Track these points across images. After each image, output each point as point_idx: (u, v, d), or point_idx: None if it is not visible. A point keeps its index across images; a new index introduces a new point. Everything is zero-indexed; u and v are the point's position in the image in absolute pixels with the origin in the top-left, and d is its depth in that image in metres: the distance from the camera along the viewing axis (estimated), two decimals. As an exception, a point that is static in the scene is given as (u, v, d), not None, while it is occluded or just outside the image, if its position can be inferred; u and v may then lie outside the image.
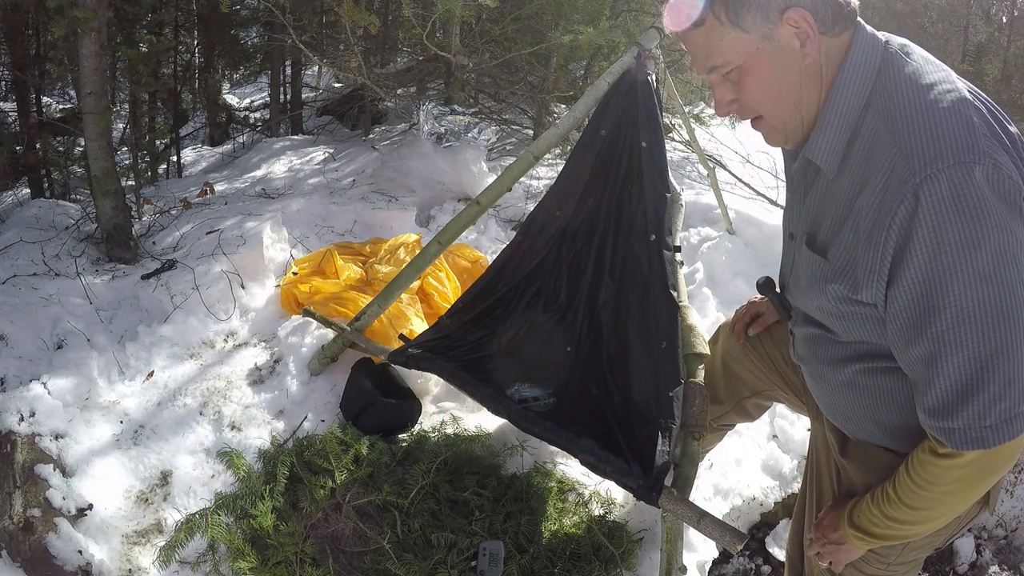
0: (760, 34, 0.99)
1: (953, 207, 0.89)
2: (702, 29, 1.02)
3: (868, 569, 1.37)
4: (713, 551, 2.11)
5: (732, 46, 1.01)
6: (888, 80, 0.99)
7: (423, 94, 5.79)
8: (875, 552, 1.33)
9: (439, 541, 1.88)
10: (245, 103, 8.11)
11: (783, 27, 0.99)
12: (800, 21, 0.98)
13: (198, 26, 5.55)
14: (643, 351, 1.96)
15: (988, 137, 0.93)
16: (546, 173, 4.87)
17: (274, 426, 2.32)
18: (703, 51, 1.04)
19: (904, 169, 0.92)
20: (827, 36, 1.01)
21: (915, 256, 0.93)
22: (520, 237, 2.25)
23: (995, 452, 0.99)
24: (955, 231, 0.90)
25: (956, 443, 0.99)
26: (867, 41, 1.02)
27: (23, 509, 1.88)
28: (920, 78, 0.98)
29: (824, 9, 0.99)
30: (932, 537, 1.29)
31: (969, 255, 0.90)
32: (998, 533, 2.56)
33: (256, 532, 1.88)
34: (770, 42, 1.00)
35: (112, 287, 2.97)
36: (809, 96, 1.04)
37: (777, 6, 0.97)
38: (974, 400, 0.95)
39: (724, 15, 0.99)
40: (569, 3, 4.70)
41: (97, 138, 3.05)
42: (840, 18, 1.00)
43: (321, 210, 3.88)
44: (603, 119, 2.07)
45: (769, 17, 0.98)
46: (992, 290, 0.91)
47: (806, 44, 1.00)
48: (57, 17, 2.77)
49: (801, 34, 0.99)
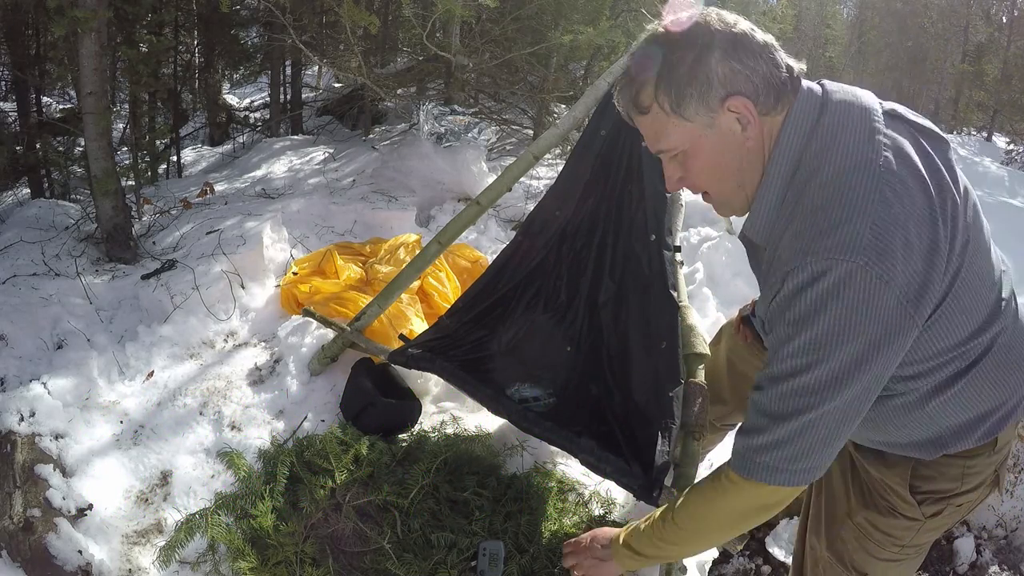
0: (702, 123, 1.04)
1: (801, 292, 0.97)
2: (649, 116, 1.07)
3: (881, 553, 1.38)
4: (713, 551, 2.10)
5: (676, 133, 1.06)
6: (809, 160, 1.02)
7: (423, 94, 5.79)
8: (889, 536, 1.34)
9: (439, 541, 1.88)
10: (245, 103, 8.11)
11: (724, 115, 1.03)
12: (741, 108, 1.02)
13: (198, 26, 5.55)
14: (643, 351, 1.96)
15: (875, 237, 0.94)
16: (546, 173, 4.87)
17: (274, 426, 2.32)
18: (651, 135, 1.09)
19: (788, 255, 1.00)
20: (769, 116, 1.05)
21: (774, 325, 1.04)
22: (520, 237, 2.25)
23: (758, 492, 1.10)
24: (795, 310, 0.98)
25: (734, 463, 1.12)
26: (801, 114, 1.04)
27: (23, 509, 1.88)
28: (834, 162, 1.00)
29: (765, 93, 1.02)
30: (943, 520, 1.31)
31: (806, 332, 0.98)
32: (998, 533, 2.56)
33: (256, 532, 1.88)
34: (712, 129, 1.04)
35: (112, 287, 2.97)
36: (752, 175, 1.09)
37: (718, 96, 1.01)
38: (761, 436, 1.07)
39: (667, 105, 1.04)
40: (569, 3, 4.70)
41: (97, 138, 3.05)
42: (782, 96, 1.04)
43: (321, 210, 3.89)
44: (603, 119, 2.07)
45: (711, 107, 1.02)
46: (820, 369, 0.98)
47: (747, 128, 1.04)
48: (57, 17, 2.77)
49: (743, 119, 1.03)
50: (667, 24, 1.05)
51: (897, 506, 1.31)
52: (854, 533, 1.39)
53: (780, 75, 1.03)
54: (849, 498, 1.40)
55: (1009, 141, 11.84)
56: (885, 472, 1.31)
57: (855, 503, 1.38)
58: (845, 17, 20.74)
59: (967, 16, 13.35)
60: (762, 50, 1.02)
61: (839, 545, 1.43)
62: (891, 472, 1.30)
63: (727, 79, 1.01)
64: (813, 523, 1.52)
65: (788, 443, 1.04)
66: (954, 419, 1.19)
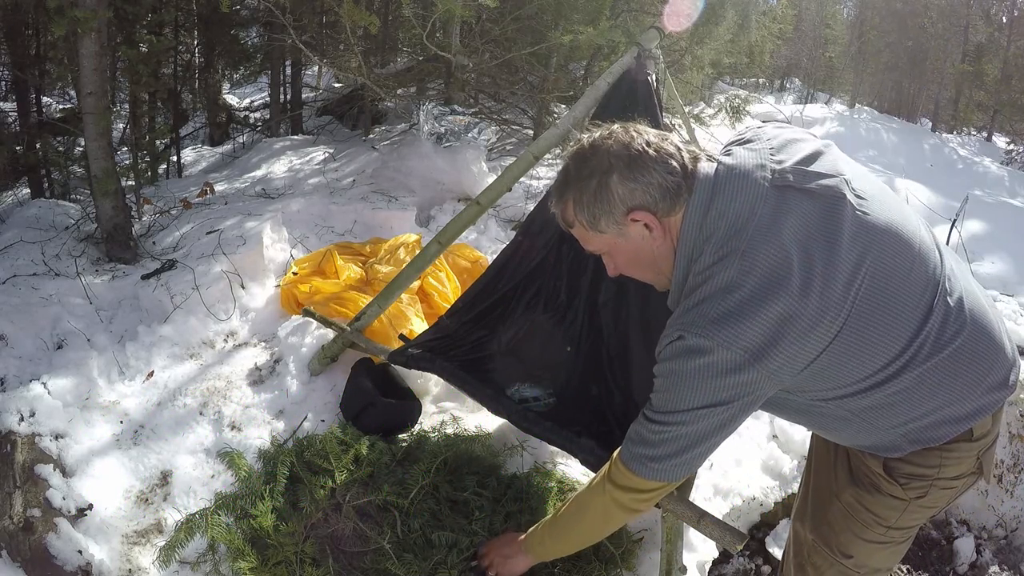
0: (614, 232, 1.26)
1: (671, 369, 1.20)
2: (575, 229, 1.31)
3: (866, 534, 1.40)
4: (713, 551, 2.11)
5: (598, 242, 1.30)
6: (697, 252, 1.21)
7: (423, 94, 5.79)
8: (875, 515, 1.37)
9: (439, 541, 1.88)
10: (245, 103, 8.11)
11: (631, 225, 1.24)
12: (642, 218, 1.22)
13: (198, 26, 5.55)
14: (643, 351, 1.96)
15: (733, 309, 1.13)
16: (546, 173, 4.87)
17: (274, 426, 2.32)
18: (581, 241, 1.33)
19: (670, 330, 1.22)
20: (672, 215, 1.23)
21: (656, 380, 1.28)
22: (520, 237, 2.25)
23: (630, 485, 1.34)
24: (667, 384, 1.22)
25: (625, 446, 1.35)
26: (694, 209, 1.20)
27: (23, 509, 1.88)
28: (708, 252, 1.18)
29: (663, 200, 1.21)
30: (932, 501, 1.34)
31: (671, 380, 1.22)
32: (998, 533, 2.56)
33: (256, 532, 1.88)
34: (624, 237, 1.26)
35: (112, 287, 2.97)
36: (666, 263, 1.29)
37: (621, 211, 1.22)
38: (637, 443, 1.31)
39: (585, 223, 1.27)
40: (569, 3, 4.70)
41: (97, 138, 3.05)
42: (678, 196, 1.21)
43: (321, 210, 3.88)
44: (603, 119, 2.06)
45: (618, 221, 1.24)
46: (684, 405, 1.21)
47: (653, 231, 1.24)
48: (57, 17, 2.77)
49: (649, 225, 1.23)
50: (574, 149, 1.28)
51: (880, 485, 1.35)
52: (841, 513, 1.42)
53: (674, 181, 1.20)
54: (836, 476, 1.43)
55: (1009, 141, 11.84)
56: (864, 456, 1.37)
57: (842, 480, 1.42)
58: (845, 17, 20.73)
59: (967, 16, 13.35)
60: (655, 163, 1.20)
61: (824, 528, 1.46)
62: (868, 457, 1.36)
63: (627, 197, 1.21)
64: (799, 508, 1.56)
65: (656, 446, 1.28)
66: (900, 428, 1.25)
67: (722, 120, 6.13)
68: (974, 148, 10.92)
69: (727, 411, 1.19)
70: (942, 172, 7.86)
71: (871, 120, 10.01)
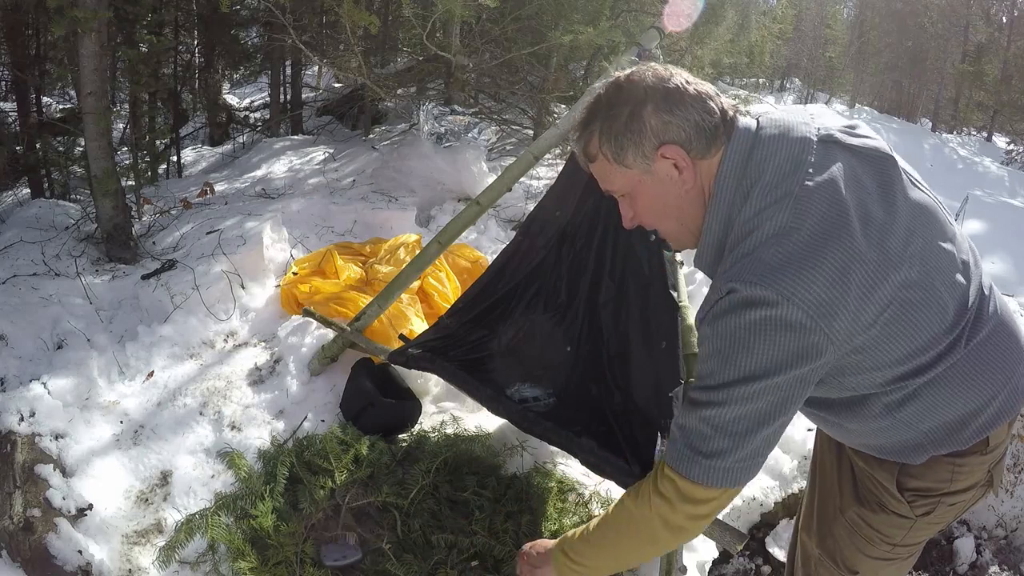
0: (640, 169, 1.15)
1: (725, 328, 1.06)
2: (596, 163, 1.19)
3: (872, 551, 1.38)
4: (713, 551, 2.10)
5: (620, 179, 1.18)
6: (743, 196, 1.11)
7: (423, 94, 5.79)
8: (880, 533, 1.34)
9: (439, 541, 1.88)
10: (245, 103, 8.12)
11: (660, 162, 1.13)
12: (674, 155, 1.12)
13: (198, 26, 5.55)
14: (643, 351, 1.96)
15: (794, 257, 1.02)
16: (546, 173, 4.87)
17: (274, 426, 2.32)
18: (601, 179, 1.22)
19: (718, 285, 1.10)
20: (705, 159, 1.14)
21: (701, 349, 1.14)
22: (520, 237, 2.25)
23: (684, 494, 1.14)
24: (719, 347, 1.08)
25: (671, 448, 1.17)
26: (734, 154, 1.12)
27: (23, 509, 1.88)
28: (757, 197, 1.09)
29: (697, 139, 1.12)
30: (939, 518, 1.31)
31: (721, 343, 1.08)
32: (998, 533, 2.56)
33: (256, 532, 1.88)
34: (650, 175, 1.15)
35: (112, 287, 2.97)
36: (693, 214, 1.19)
37: (652, 144, 1.12)
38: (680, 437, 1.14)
39: (610, 155, 1.16)
40: (569, 3, 4.70)
41: (97, 138, 3.05)
42: (715, 139, 1.12)
43: (321, 210, 3.89)
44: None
45: (646, 155, 1.13)
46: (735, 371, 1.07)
47: (683, 172, 1.14)
48: (57, 17, 2.77)
49: (678, 165, 1.13)
50: (608, 81, 1.17)
51: (887, 502, 1.31)
52: (846, 529, 1.39)
53: (711, 121, 1.12)
54: (841, 493, 1.40)
55: (1009, 141, 11.85)
56: (875, 467, 1.31)
57: (847, 498, 1.38)
58: (845, 17, 20.75)
59: (967, 16, 13.35)
60: (694, 100, 1.12)
61: (830, 542, 1.43)
62: (880, 468, 1.30)
63: (660, 129, 1.11)
64: (806, 519, 1.52)
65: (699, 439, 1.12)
66: (930, 423, 1.20)
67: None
68: (974, 148, 10.93)
69: (790, 382, 1.06)
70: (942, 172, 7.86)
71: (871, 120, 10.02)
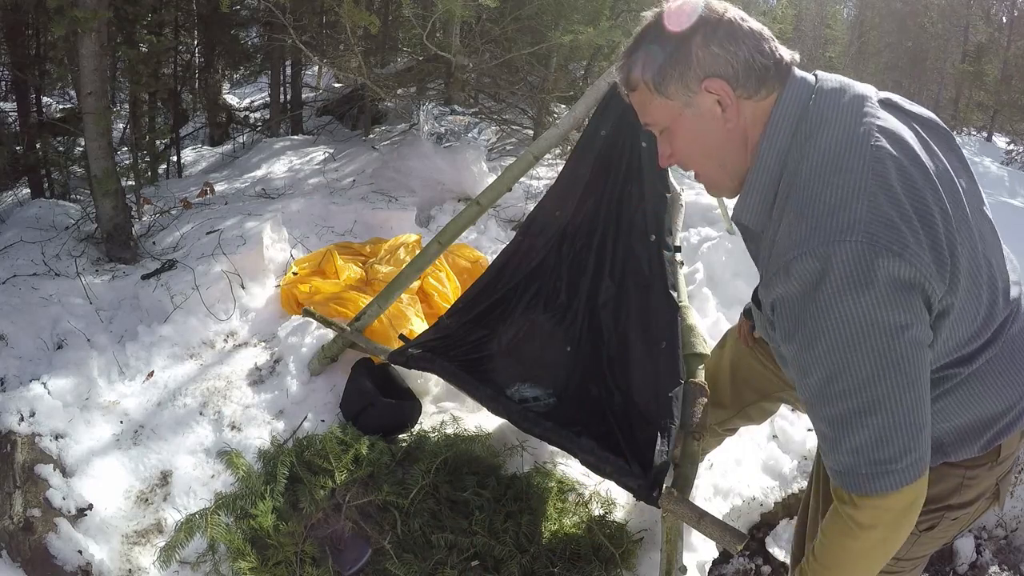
0: (682, 101, 1.08)
1: (815, 283, 0.96)
2: (637, 93, 1.13)
3: None
4: (713, 551, 2.10)
5: (660, 110, 1.11)
6: (800, 143, 1.04)
7: (423, 94, 5.79)
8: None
9: (439, 541, 1.88)
10: (245, 103, 8.11)
11: (703, 95, 1.06)
12: (718, 90, 1.05)
13: (198, 26, 5.55)
14: (643, 351, 1.96)
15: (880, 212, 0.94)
16: (546, 173, 4.87)
17: (274, 426, 2.32)
18: (640, 110, 1.15)
19: (787, 242, 1.00)
20: (752, 100, 1.07)
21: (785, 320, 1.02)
22: (520, 237, 2.25)
23: (881, 505, 1.04)
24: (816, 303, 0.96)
25: (840, 481, 1.06)
26: (790, 100, 1.06)
27: (23, 509, 1.88)
28: (828, 145, 1.01)
29: (746, 77, 1.05)
30: (942, 532, 1.29)
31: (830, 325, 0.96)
32: (998, 533, 2.56)
33: (256, 532, 1.88)
34: (691, 108, 1.08)
35: (112, 287, 2.97)
36: (735, 157, 1.11)
37: (696, 76, 1.05)
38: (844, 446, 1.03)
39: (651, 84, 1.09)
40: (569, 3, 4.70)
41: (97, 138, 3.05)
42: (766, 81, 1.06)
43: (321, 210, 3.89)
44: (603, 119, 2.07)
45: (689, 87, 1.06)
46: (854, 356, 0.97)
47: (727, 110, 1.07)
48: (57, 17, 2.77)
49: (722, 101, 1.06)
50: (658, 9, 1.09)
51: None
52: None
53: (764, 62, 1.05)
54: None
55: (1009, 141, 11.84)
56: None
57: None
58: (845, 17, 20.74)
59: (967, 16, 13.34)
60: (747, 37, 1.05)
61: None
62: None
63: (706, 62, 1.04)
64: (811, 527, 1.49)
65: (870, 445, 1.00)
66: (957, 420, 1.18)
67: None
68: (974, 148, 10.93)
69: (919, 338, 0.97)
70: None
71: (871, 120, 9.99)
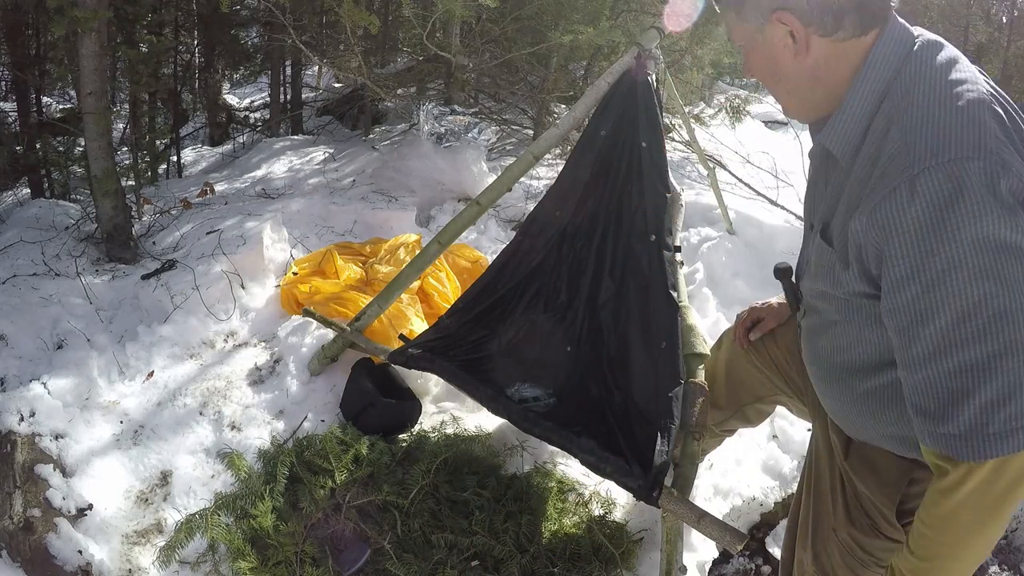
0: (756, 26, 1.11)
1: (948, 201, 0.89)
2: (724, 12, 1.17)
3: (866, 574, 1.36)
4: (713, 551, 2.11)
5: (738, 31, 1.15)
6: (908, 75, 1.03)
7: (423, 94, 5.79)
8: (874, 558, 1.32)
9: (439, 541, 1.88)
10: (245, 103, 8.11)
11: (774, 25, 1.08)
12: (789, 23, 1.06)
13: (198, 26, 5.55)
14: (643, 351, 1.96)
15: (1000, 139, 0.93)
16: (546, 173, 4.86)
17: (274, 426, 2.32)
18: (728, 26, 1.18)
19: (904, 159, 0.94)
20: (828, 39, 1.06)
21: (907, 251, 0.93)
22: (520, 237, 2.25)
23: (1001, 468, 0.93)
24: (950, 226, 0.89)
25: (956, 450, 0.94)
26: (893, 38, 1.05)
27: (23, 509, 1.88)
28: (940, 76, 1.01)
29: (821, 15, 1.04)
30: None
31: (965, 251, 0.89)
32: (998, 533, 2.56)
33: (256, 532, 1.89)
34: (763, 35, 1.11)
35: (112, 287, 2.97)
36: (804, 89, 1.12)
37: (769, 5, 1.07)
38: (972, 402, 0.92)
39: (732, 6, 1.13)
40: (569, 3, 4.70)
41: (97, 138, 3.05)
42: (844, 20, 1.04)
43: (321, 210, 3.88)
44: (603, 119, 2.07)
45: (762, 13, 1.08)
46: (991, 287, 0.89)
47: (797, 44, 1.07)
48: (57, 17, 2.77)
49: (795, 35, 1.07)
50: None
51: (880, 526, 1.28)
52: (839, 549, 1.36)
53: (842, 3, 1.03)
54: (835, 510, 1.36)
55: (1009, 141, 11.84)
56: (875, 490, 1.27)
57: (841, 518, 1.35)
58: (845, 17, 20.74)
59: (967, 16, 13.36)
60: None
61: (824, 559, 1.40)
62: (883, 490, 1.26)
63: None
64: (801, 530, 1.48)
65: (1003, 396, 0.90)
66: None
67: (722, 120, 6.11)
68: (974, 148, 10.92)
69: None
70: (942, 172, 7.83)
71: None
